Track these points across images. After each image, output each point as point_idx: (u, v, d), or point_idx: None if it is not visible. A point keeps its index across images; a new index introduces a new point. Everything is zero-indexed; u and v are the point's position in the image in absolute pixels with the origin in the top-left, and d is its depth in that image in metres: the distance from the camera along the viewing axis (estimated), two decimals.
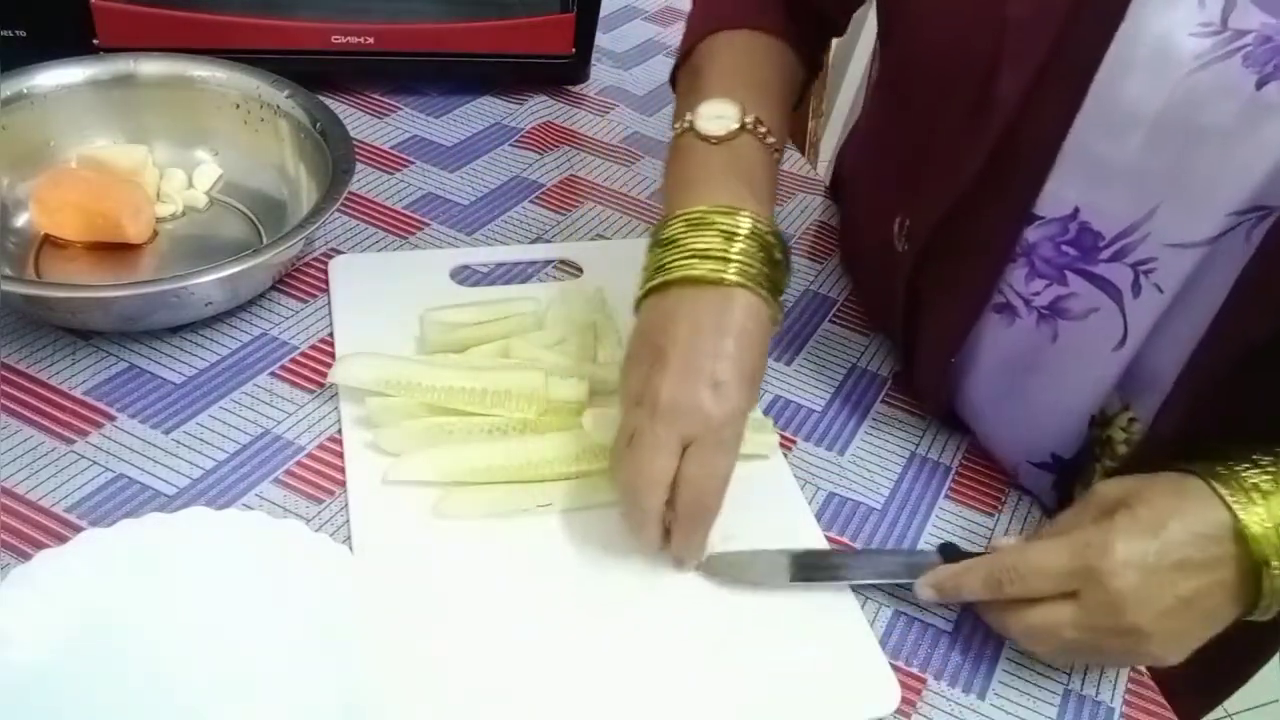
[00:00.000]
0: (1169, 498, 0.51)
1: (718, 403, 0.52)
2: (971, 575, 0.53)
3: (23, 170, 0.69)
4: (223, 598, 0.49)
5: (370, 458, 0.58)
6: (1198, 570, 0.49)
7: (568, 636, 0.52)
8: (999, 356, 0.62)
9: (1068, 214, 0.56)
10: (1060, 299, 0.58)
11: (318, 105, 0.72)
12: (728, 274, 0.54)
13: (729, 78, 0.64)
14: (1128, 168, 0.53)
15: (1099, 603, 0.49)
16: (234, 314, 0.66)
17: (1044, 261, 0.58)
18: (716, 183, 0.58)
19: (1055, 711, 0.54)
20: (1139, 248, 0.54)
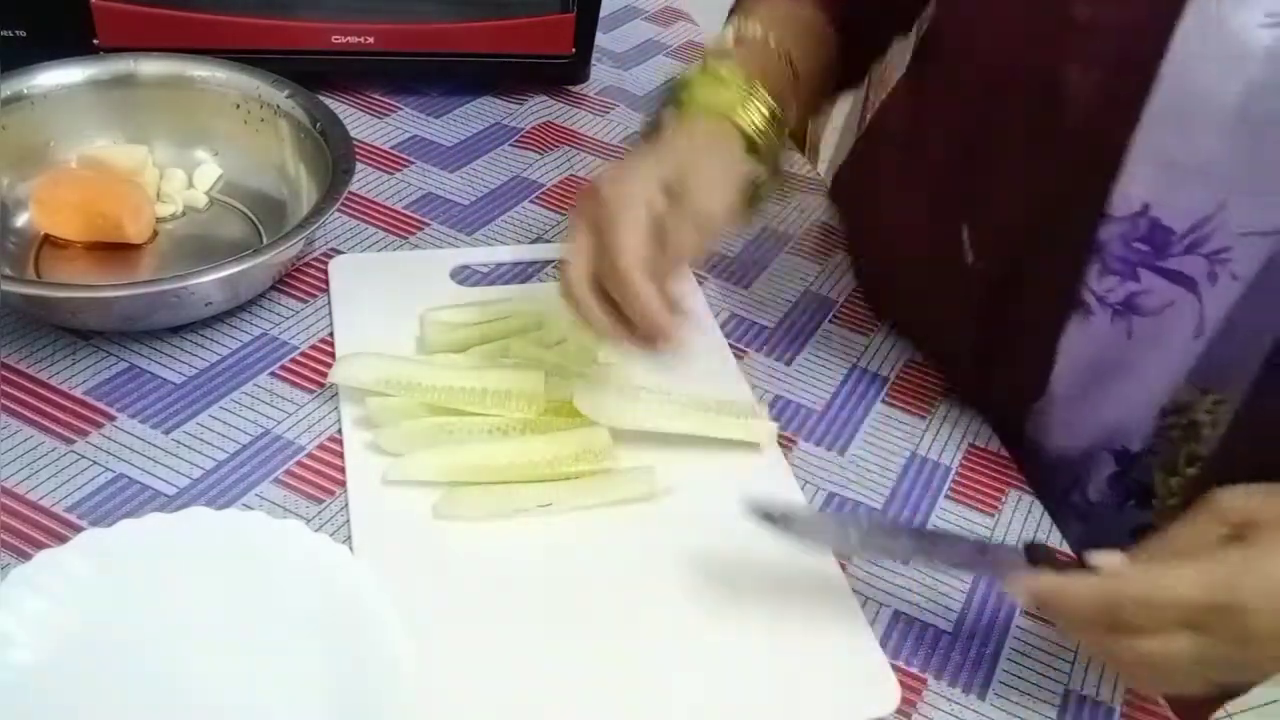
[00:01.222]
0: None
1: (605, 181, 0.55)
2: (1082, 595, 0.47)
3: (23, 170, 0.69)
4: (222, 598, 0.49)
5: (370, 458, 0.58)
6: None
7: (568, 636, 0.52)
8: (1074, 355, 0.62)
9: (1137, 211, 0.55)
10: (1134, 295, 0.58)
11: (318, 105, 0.72)
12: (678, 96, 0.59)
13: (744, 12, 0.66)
14: (1198, 162, 0.52)
15: (1227, 636, 0.45)
16: (234, 314, 0.66)
17: (1116, 259, 0.58)
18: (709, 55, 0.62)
19: (1055, 711, 0.54)
20: (1213, 238, 0.54)
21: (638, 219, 0.53)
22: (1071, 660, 0.56)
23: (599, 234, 0.53)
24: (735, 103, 0.59)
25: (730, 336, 0.72)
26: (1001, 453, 0.67)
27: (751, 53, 0.62)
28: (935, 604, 0.57)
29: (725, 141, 0.58)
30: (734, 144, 0.59)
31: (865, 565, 0.58)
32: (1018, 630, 0.57)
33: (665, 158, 0.56)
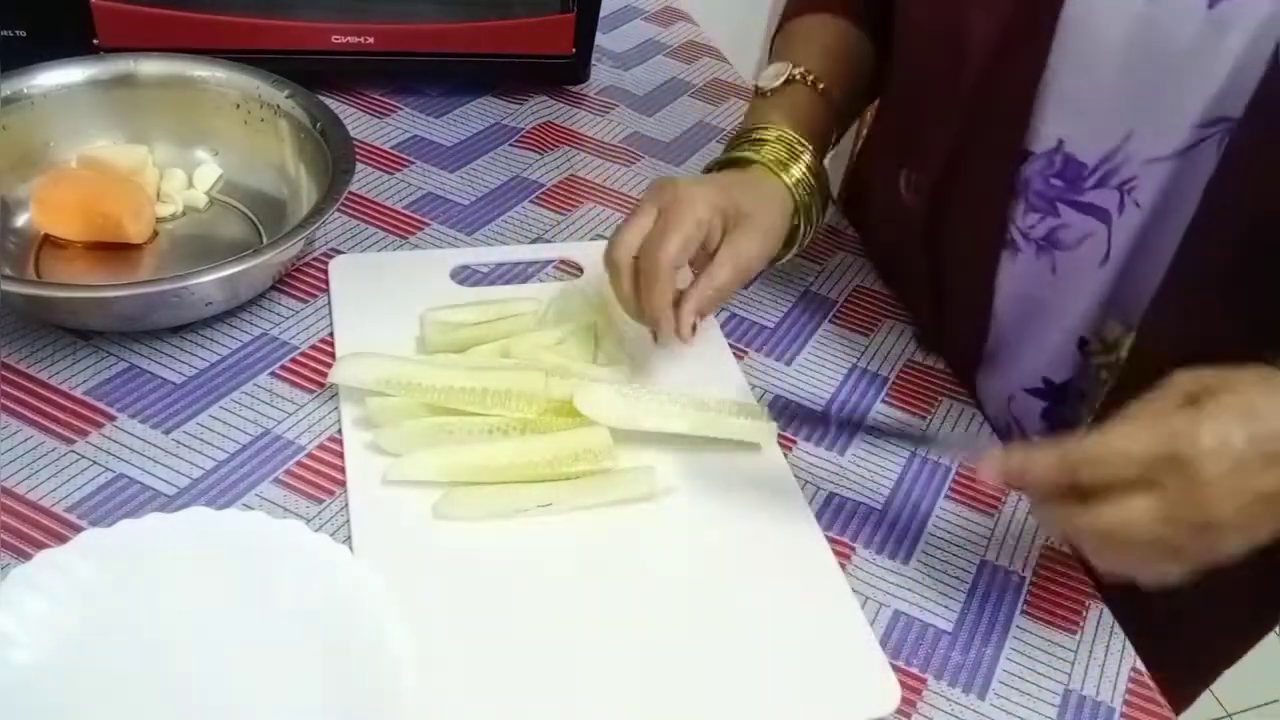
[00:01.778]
0: (1257, 388, 0.47)
1: (689, 184, 0.61)
2: (1043, 458, 0.49)
3: (23, 170, 0.69)
4: (222, 598, 0.49)
5: (370, 458, 0.58)
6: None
7: (568, 636, 0.52)
8: (1007, 293, 0.66)
9: (1052, 148, 0.59)
10: (1055, 230, 0.61)
11: (318, 105, 0.72)
12: (742, 153, 0.66)
13: (790, 48, 0.75)
14: (1100, 97, 0.56)
15: (1181, 492, 0.45)
16: (234, 314, 0.66)
17: (1036, 195, 0.61)
18: (766, 118, 0.69)
19: (1055, 711, 0.54)
20: (1121, 169, 0.57)
21: (691, 232, 0.59)
22: (1071, 660, 0.56)
23: (658, 222, 0.60)
24: (785, 162, 0.66)
25: (730, 336, 0.72)
26: None
27: (796, 100, 0.70)
28: (935, 604, 0.57)
29: (776, 195, 0.65)
30: (782, 198, 0.65)
31: (865, 564, 0.58)
32: (1018, 630, 0.57)
33: (729, 193, 0.62)
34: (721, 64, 1.06)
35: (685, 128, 0.95)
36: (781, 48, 0.76)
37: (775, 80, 0.70)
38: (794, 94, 0.70)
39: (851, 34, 0.75)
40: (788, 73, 0.70)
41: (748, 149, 0.67)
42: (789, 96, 0.70)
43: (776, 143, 0.66)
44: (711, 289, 0.60)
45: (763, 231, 0.63)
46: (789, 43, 0.76)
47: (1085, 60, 0.56)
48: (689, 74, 1.03)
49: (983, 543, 0.61)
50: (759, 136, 0.67)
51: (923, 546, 0.60)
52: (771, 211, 0.64)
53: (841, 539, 0.60)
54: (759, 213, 0.63)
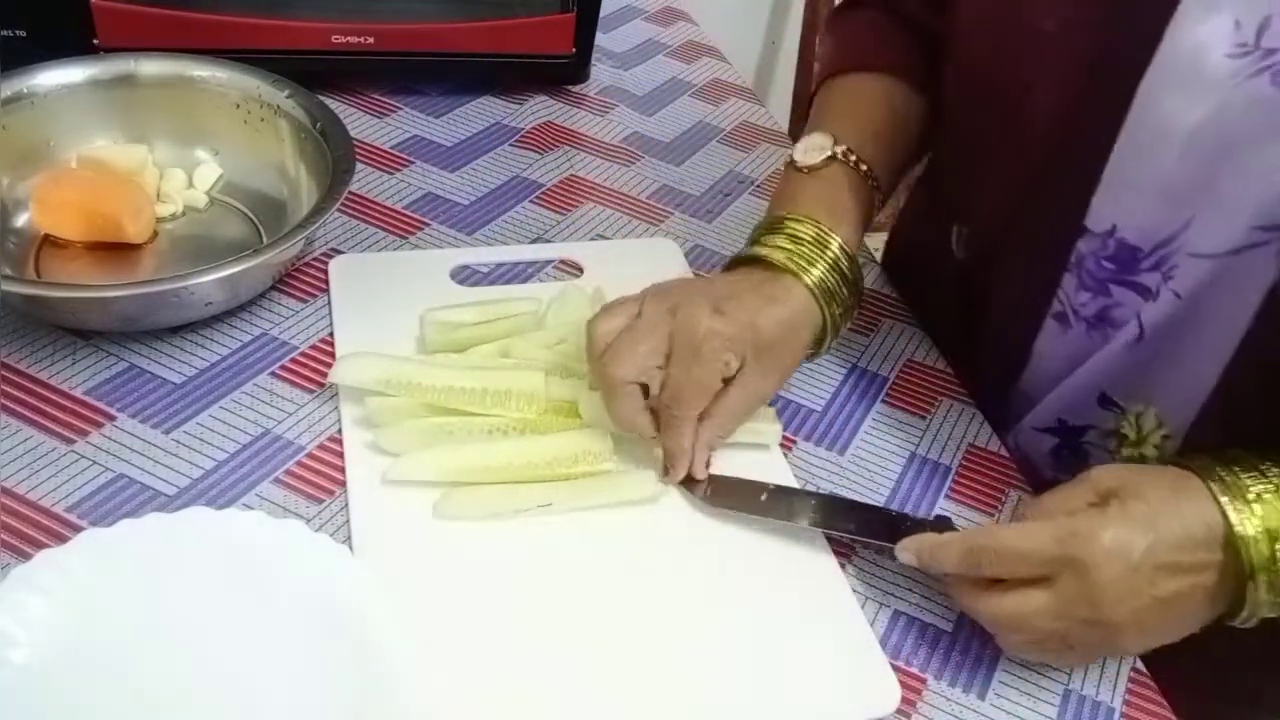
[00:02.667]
0: (1165, 494, 0.49)
1: (710, 319, 0.56)
2: (950, 548, 0.52)
3: (23, 170, 0.69)
4: (222, 598, 0.49)
5: (370, 458, 0.58)
6: (1182, 573, 0.48)
7: (568, 636, 0.52)
8: (1051, 357, 0.65)
9: (1106, 230, 0.58)
10: (1107, 309, 0.60)
11: (318, 105, 0.72)
12: (776, 257, 0.60)
13: (832, 115, 0.70)
14: (1159, 183, 0.54)
15: (1076, 592, 0.48)
16: (234, 314, 0.66)
17: (1089, 275, 0.60)
18: (799, 200, 0.64)
19: (1055, 711, 0.54)
20: (1174, 257, 0.56)
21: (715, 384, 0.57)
22: None
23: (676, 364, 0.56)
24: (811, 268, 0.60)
25: None
26: (1001, 453, 0.67)
27: (835, 182, 0.65)
28: (935, 604, 0.57)
29: (801, 314, 0.60)
30: (809, 315, 0.60)
31: (865, 565, 0.58)
32: None
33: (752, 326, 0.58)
34: (721, 64, 1.06)
35: (685, 128, 0.95)
36: (822, 112, 0.71)
37: (815, 157, 0.65)
38: (834, 177, 0.65)
39: (899, 96, 0.71)
40: (829, 149, 0.65)
41: (779, 248, 0.61)
42: (829, 180, 0.65)
43: (811, 243, 0.61)
44: (722, 429, 0.59)
45: (780, 369, 0.61)
46: (830, 108, 0.71)
47: (1148, 143, 0.54)
48: (689, 74, 1.03)
49: None
50: (793, 230, 0.61)
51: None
52: (794, 343, 0.60)
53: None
54: (781, 347, 0.59)
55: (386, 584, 0.50)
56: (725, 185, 0.88)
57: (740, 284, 0.60)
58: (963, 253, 0.69)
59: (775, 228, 0.62)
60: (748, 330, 0.57)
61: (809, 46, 1.56)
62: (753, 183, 0.89)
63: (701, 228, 0.82)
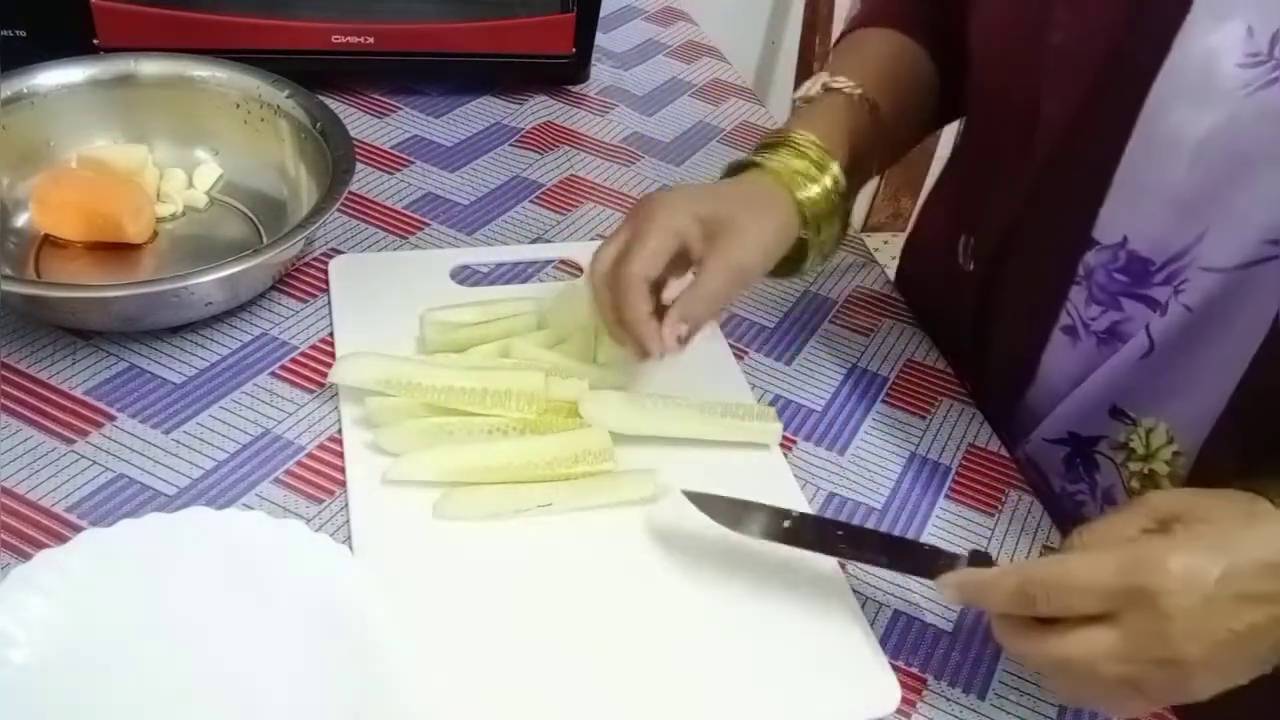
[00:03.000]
0: (1236, 518, 0.44)
1: (662, 194, 0.58)
2: (1000, 585, 0.46)
3: (23, 170, 0.69)
4: (222, 598, 0.49)
5: (370, 458, 0.58)
6: (1259, 603, 0.42)
7: (567, 637, 0.52)
8: (1060, 371, 0.64)
9: (1118, 242, 0.57)
10: (1117, 323, 0.60)
11: (318, 105, 0.72)
12: (753, 157, 0.62)
13: (840, 60, 0.71)
14: (1170, 194, 0.54)
15: (1145, 628, 0.42)
16: (234, 314, 0.66)
17: (1099, 288, 0.59)
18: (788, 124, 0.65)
19: (1055, 711, 0.54)
20: (1185, 270, 0.55)
21: (664, 241, 0.56)
22: None
23: (631, 239, 0.56)
24: (801, 176, 0.60)
25: (730, 336, 0.72)
26: (1001, 453, 0.67)
27: (835, 106, 0.65)
28: (935, 604, 0.57)
29: (780, 206, 0.60)
30: (787, 211, 0.60)
31: (865, 565, 0.58)
32: None
33: (715, 200, 0.58)
34: (721, 64, 1.06)
35: (685, 128, 0.95)
36: (834, 58, 0.72)
37: (812, 89, 0.66)
38: (831, 103, 0.66)
39: (910, 50, 0.71)
40: (825, 81, 0.66)
41: (761, 154, 0.62)
42: (828, 106, 0.65)
43: (795, 149, 0.61)
44: (700, 298, 0.56)
45: (757, 239, 0.58)
46: (841, 54, 0.73)
47: (1157, 153, 0.53)
48: (689, 74, 1.03)
49: (983, 543, 0.61)
50: (777, 140, 0.62)
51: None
52: (765, 223, 0.58)
53: None
54: (748, 223, 0.57)
55: (386, 584, 0.50)
56: None
57: (709, 185, 0.62)
58: (970, 264, 0.68)
59: (770, 141, 0.63)
60: (711, 200, 0.58)
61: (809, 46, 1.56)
62: None
63: None
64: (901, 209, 2.21)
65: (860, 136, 0.65)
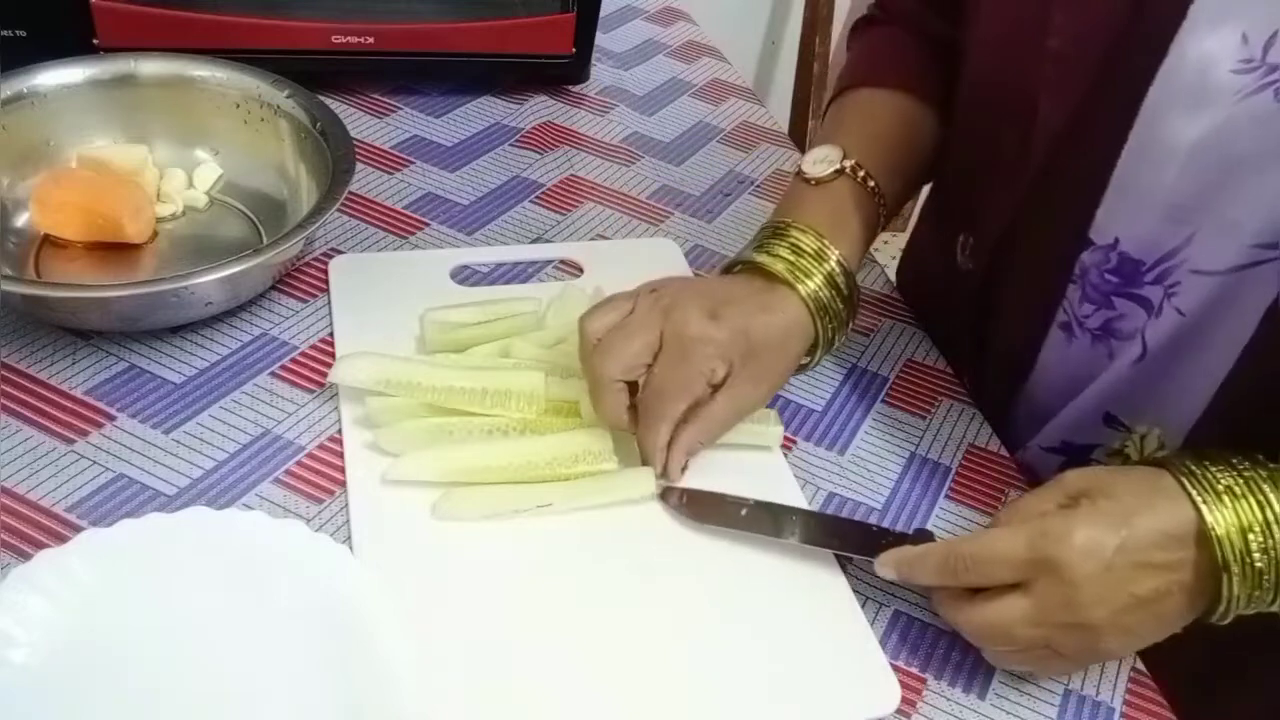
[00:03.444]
0: (1137, 492, 0.49)
1: (702, 324, 0.56)
2: (928, 559, 0.52)
3: (23, 170, 0.69)
4: (222, 598, 0.49)
5: (370, 458, 0.58)
6: (1157, 570, 0.48)
7: (567, 636, 0.52)
8: (1055, 368, 0.65)
9: (1109, 243, 0.58)
10: (1110, 320, 0.60)
11: (318, 105, 0.72)
12: (775, 266, 0.59)
13: (844, 129, 0.69)
14: (1162, 197, 0.54)
15: (1054, 595, 0.48)
16: (234, 314, 0.66)
17: (1092, 288, 0.60)
18: (803, 211, 0.63)
19: (1055, 711, 0.54)
20: (1175, 272, 0.56)
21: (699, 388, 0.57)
22: None
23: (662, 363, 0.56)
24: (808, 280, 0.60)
25: None
26: (1001, 452, 0.67)
27: (841, 196, 0.64)
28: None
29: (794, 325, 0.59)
30: (802, 325, 0.60)
31: (865, 565, 0.58)
32: None
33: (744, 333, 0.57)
34: (721, 64, 1.06)
35: (685, 128, 0.95)
36: (834, 125, 0.71)
37: (823, 169, 0.65)
38: (840, 190, 0.64)
39: (913, 113, 0.70)
40: (837, 163, 0.64)
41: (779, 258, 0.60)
42: (835, 193, 0.64)
43: (811, 256, 0.60)
44: (705, 434, 0.58)
45: (770, 379, 0.60)
46: (842, 121, 0.71)
47: (1152, 157, 0.54)
48: (689, 74, 1.03)
49: None
50: (795, 241, 0.60)
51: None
52: (785, 354, 0.60)
53: None
54: (771, 358, 0.59)
55: (386, 584, 0.50)
56: (725, 185, 0.88)
57: (736, 289, 0.60)
58: (969, 263, 0.69)
59: (777, 234, 0.62)
60: (739, 337, 0.57)
61: (809, 46, 1.56)
62: (753, 183, 0.89)
63: (701, 228, 0.82)
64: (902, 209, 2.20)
65: (864, 223, 0.65)
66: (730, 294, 0.59)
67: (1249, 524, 0.47)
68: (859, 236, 0.64)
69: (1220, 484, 0.48)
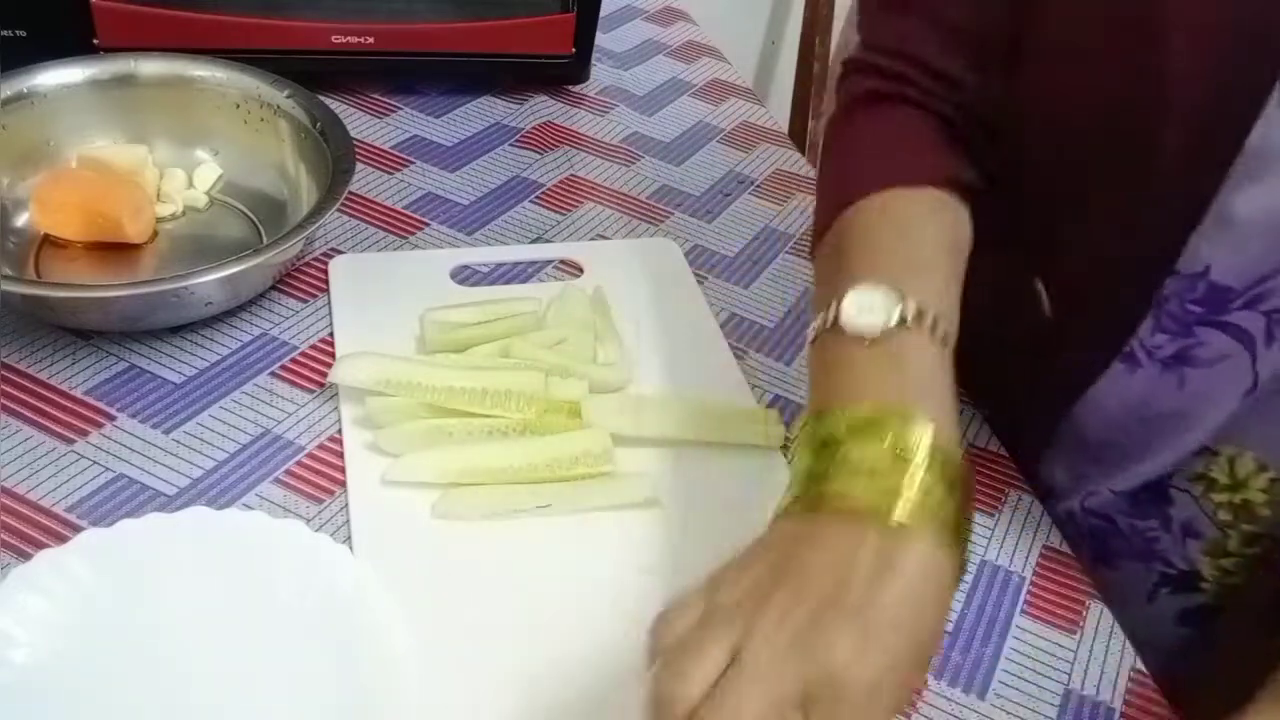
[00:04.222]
0: None
1: (858, 655, 0.38)
2: None
3: (23, 170, 0.69)
4: (222, 598, 0.49)
5: (370, 458, 0.58)
6: None
7: (567, 637, 0.52)
8: (1119, 402, 0.59)
9: (1199, 271, 0.53)
10: (1187, 348, 0.55)
11: (318, 105, 0.72)
12: (897, 508, 0.42)
13: (879, 256, 0.53)
14: (1263, 220, 0.50)
15: None
16: (234, 314, 0.66)
17: (1170, 317, 0.55)
18: (876, 387, 0.46)
19: (1055, 711, 0.54)
20: (1272, 297, 0.52)
21: None
22: (1071, 660, 0.56)
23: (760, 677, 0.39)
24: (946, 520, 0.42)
25: (730, 336, 0.71)
26: (1001, 452, 0.67)
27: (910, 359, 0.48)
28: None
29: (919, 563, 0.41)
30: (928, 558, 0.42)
31: None
32: (1017, 630, 0.57)
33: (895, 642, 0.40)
34: (721, 64, 1.06)
35: (685, 128, 0.95)
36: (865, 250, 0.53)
37: (876, 320, 0.48)
38: (907, 349, 0.47)
39: (953, 214, 0.57)
40: (896, 310, 0.47)
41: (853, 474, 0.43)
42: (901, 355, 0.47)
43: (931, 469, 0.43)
44: None
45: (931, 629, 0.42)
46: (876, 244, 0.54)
47: (1254, 179, 0.50)
48: (689, 74, 1.03)
49: (982, 542, 0.61)
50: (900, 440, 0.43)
51: None
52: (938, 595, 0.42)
53: None
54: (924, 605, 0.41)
55: (386, 584, 0.50)
56: (725, 185, 0.88)
57: (841, 557, 0.41)
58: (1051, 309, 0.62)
59: (863, 428, 0.44)
60: (908, 649, 0.40)
61: (809, 46, 1.56)
62: (753, 183, 0.89)
63: (701, 228, 0.82)
64: None
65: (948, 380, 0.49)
66: (840, 571, 0.41)
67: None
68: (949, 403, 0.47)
69: None
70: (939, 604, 0.42)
